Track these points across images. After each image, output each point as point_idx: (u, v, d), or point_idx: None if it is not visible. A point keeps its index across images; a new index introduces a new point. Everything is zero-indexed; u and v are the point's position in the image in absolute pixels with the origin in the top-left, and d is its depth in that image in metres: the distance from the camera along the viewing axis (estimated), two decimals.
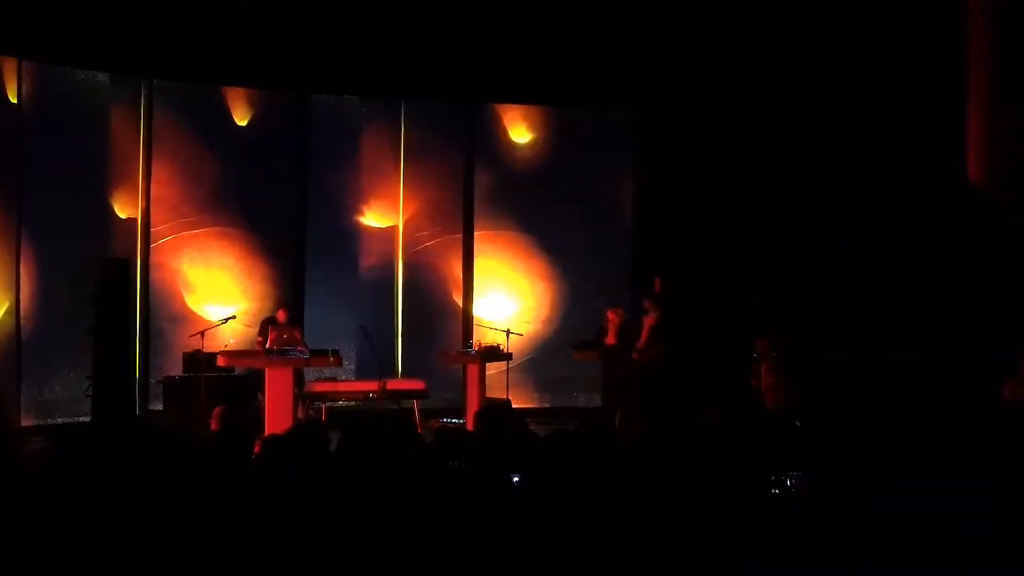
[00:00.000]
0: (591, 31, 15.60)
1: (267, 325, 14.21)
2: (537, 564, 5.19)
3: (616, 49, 15.67)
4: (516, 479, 6.17)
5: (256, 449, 7.76)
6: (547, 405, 16.46)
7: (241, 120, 15.66)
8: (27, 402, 13.89)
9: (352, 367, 15.45)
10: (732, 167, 15.47)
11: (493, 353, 14.63)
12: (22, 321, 13.81)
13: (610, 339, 14.57)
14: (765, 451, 6.58)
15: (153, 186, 15.16)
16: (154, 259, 15.12)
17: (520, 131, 16.88)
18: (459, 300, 16.61)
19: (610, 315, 14.76)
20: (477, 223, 16.75)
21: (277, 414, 12.76)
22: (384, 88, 16.10)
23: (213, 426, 13.12)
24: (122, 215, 14.89)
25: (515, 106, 16.83)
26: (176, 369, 14.48)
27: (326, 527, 5.40)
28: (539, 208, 16.74)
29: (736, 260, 15.48)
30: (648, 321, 14.22)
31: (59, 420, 14.00)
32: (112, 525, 4.99)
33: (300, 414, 13.31)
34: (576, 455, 5.92)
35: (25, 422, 13.73)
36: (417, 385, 14.48)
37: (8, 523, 3.03)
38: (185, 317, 15.12)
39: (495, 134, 16.83)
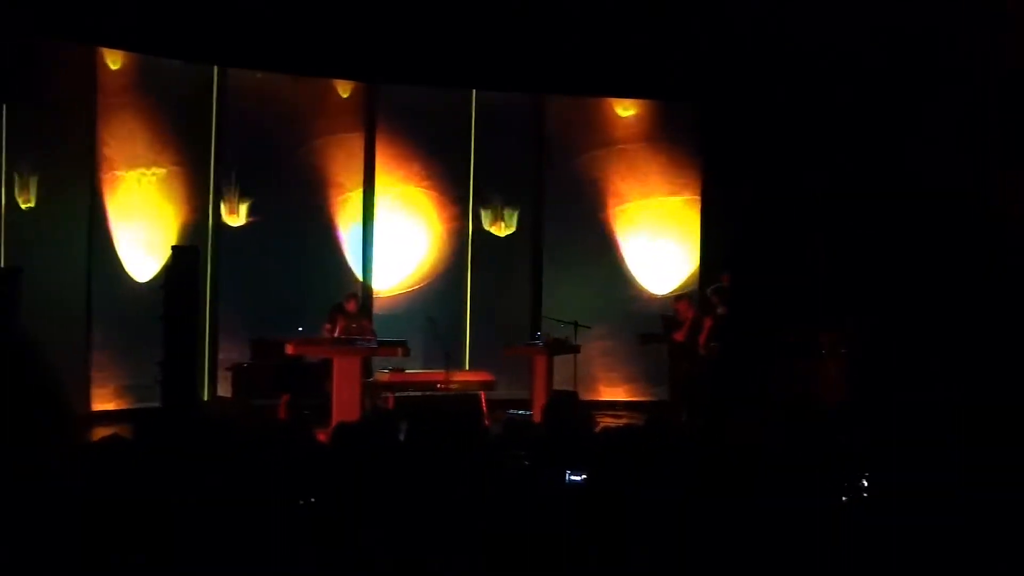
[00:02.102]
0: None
1: (336, 313, 14.24)
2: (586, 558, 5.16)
3: (680, 42, 15.54)
4: (577, 476, 6.14)
5: (323, 437, 7.79)
6: (618, 398, 16.38)
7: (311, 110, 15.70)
8: (98, 387, 14.02)
9: (420, 358, 15.45)
10: (801, 158, 15.33)
11: (560, 345, 14.59)
12: (93, 307, 13.94)
13: (681, 335, 14.49)
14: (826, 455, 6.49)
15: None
16: (225, 246, 15.21)
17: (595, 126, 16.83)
18: (528, 292, 16.57)
19: (681, 308, 14.68)
20: (546, 217, 16.71)
21: (344, 403, 12.78)
22: (456, 78, 16.07)
23: (281, 414, 13.27)
24: (192, 202, 14.99)
25: (586, 98, 16.75)
26: (244, 355, 14.57)
27: (394, 515, 5.40)
28: (605, 202, 16.67)
29: (801, 254, 15.35)
30: (715, 316, 14.14)
31: (131, 406, 14.12)
32: (176, 511, 5.01)
33: (367, 404, 13.33)
34: (634, 452, 5.89)
35: (97, 406, 13.86)
36: (485, 376, 14.48)
37: (67, 512, 3.03)
38: (252, 305, 15.17)
39: (564, 128, 16.76)
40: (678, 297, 15.26)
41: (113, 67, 14.26)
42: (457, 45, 15.40)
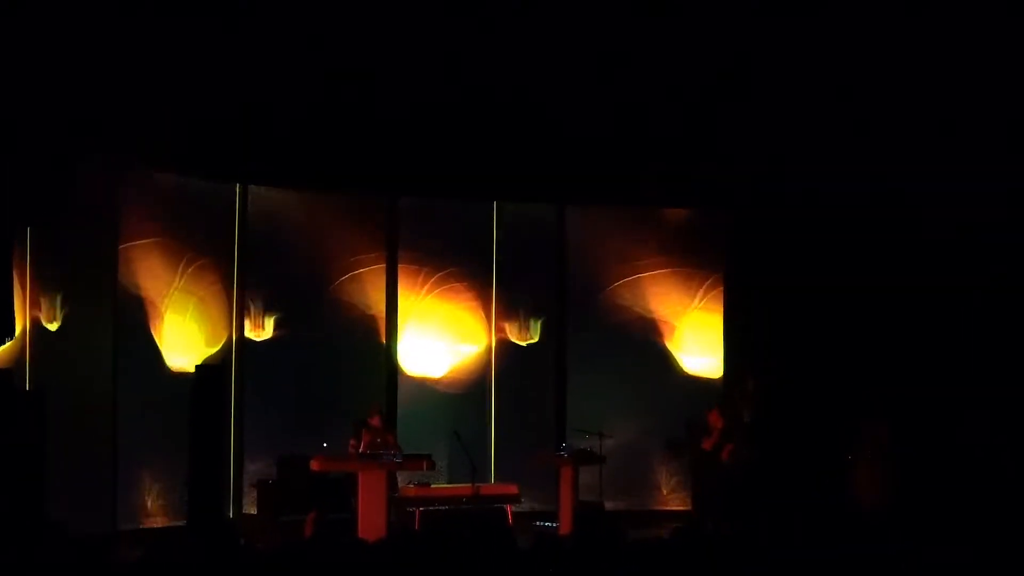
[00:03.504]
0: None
1: (360, 428, 14.20)
2: None
3: (710, 151, 15.66)
4: None
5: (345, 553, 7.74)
6: (639, 507, 16.24)
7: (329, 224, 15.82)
8: (124, 506, 13.98)
9: (445, 470, 15.37)
10: (826, 255, 15.38)
11: (586, 456, 14.51)
12: (119, 425, 13.94)
13: (709, 443, 14.41)
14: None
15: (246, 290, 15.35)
16: (250, 362, 15.24)
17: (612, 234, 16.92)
18: (552, 402, 16.53)
19: (712, 419, 14.60)
20: (569, 325, 16.72)
21: (370, 518, 12.73)
22: (478, 189, 16.20)
23: (307, 531, 13.19)
24: (216, 319, 15.06)
25: (602, 207, 16.83)
26: (270, 471, 14.52)
27: None
28: (631, 306, 16.70)
29: (830, 357, 15.34)
30: (741, 424, 14.09)
31: (156, 524, 14.08)
32: None
33: (393, 518, 13.24)
34: (669, 564, 5.83)
35: (123, 526, 13.80)
36: (510, 490, 14.39)
37: None
38: (278, 421, 15.15)
39: (584, 234, 16.84)
40: (710, 406, 15.15)
41: (136, 186, 14.40)
42: (478, 159, 15.53)
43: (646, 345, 16.74)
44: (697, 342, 16.92)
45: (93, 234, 13.94)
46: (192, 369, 13.53)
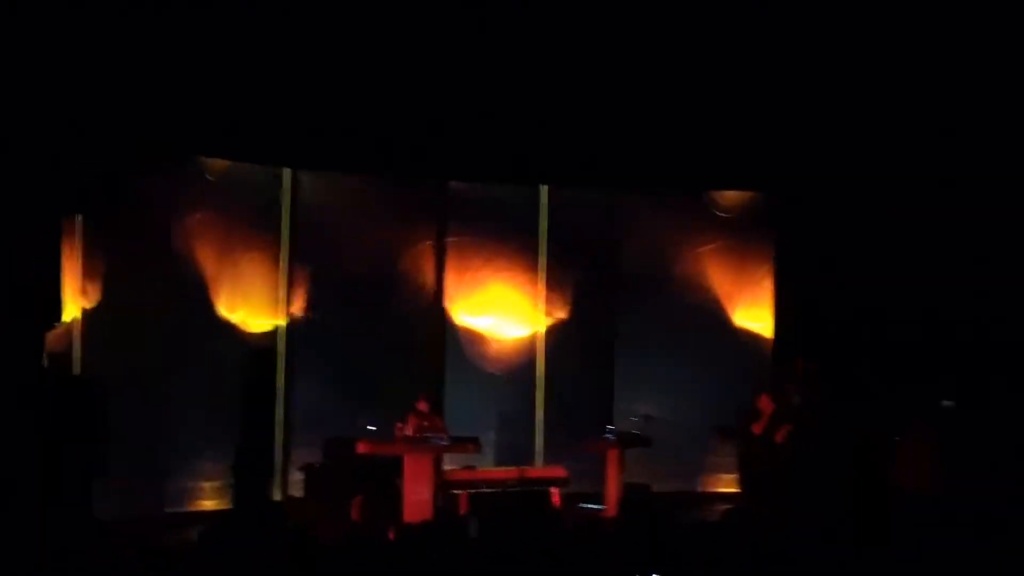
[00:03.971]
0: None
1: (408, 412, 14.21)
2: None
3: (758, 134, 15.57)
4: None
5: (391, 536, 7.77)
6: (688, 489, 16.19)
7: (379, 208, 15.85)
8: (173, 489, 14.11)
9: (491, 453, 15.38)
10: (875, 246, 15.28)
11: (632, 439, 14.48)
12: (169, 410, 14.05)
13: (759, 427, 14.33)
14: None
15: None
16: (298, 344, 15.31)
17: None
18: (600, 385, 16.50)
19: (762, 404, 14.51)
20: (619, 308, 16.69)
21: (416, 502, 12.75)
22: (527, 174, 16.18)
23: (354, 515, 13.25)
24: (266, 304, 15.13)
25: (657, 191, 16.76)
26: (317, 455, 14.59)
27: None
28: (680, 291, 16.66)
29: (877, 342, 15.24)
30: (791, 407, 14.01)
31: (203, 507, 14.19)
32: None
33: (439, 502, 13.26)
34: (717, 548, 5.80)
35: (169, 508, 13.93)
36: (558, 472, 14.38)
37: None
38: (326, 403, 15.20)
39: (636, 217, 16.80)
40: (760, 391, 15.05)
41: (186, 172, 14.48)
42: (529, 142, 15.49)
43: (696, 328, 16.62)
44: (749, 326, 16.87)
45: (144, 220, 14.02)
46: (240, 353, 13.65)
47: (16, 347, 11.22)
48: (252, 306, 15.03)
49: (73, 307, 13.32)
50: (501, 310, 16.37)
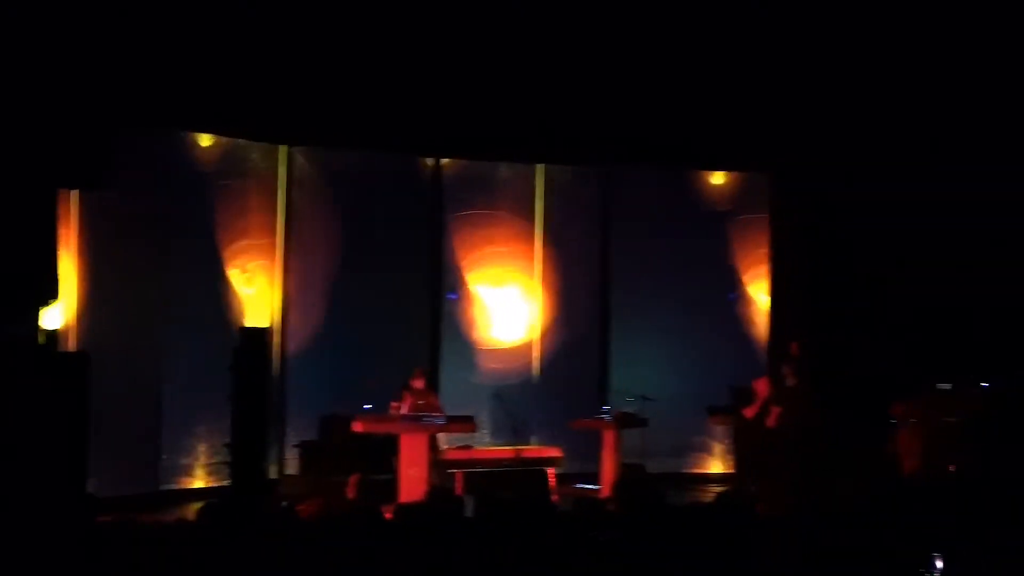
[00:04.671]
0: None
1: (404, 390, 14.21)
2: None
3: (753, 112, 15.55)
4: None
5: (388, 516, 7.76)
6: (682, 470, 16.23)
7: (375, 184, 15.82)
8: (167, 466, 14.10)
9: (487, 432, 15.40)
10: (870, 227, 15.28)
11: (629, 419, 14.48)
12: (164, 387, 14.05)
13: (751, 411, 14.32)
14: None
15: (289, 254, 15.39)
16: (294, 323, 15.30)
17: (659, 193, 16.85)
18: (595, 365, 16.51)
19: (758, 387, 14.50)
20: (613, 288, 16.69)
21: (412, 480, 12.76)
22: (522, 152, 16.16)
23: (350, 493, 13.25)
24: (258, 283, 15.12)
25: (653, 168, 16.74)
26: (313, 432, 14.58)
27: None
28: (675, 271, 16.65)
29: (874, 322, 15.25)
30: (786, 388, 14.00)
31: (199, 485, 14.22)
32: None
33: (435, 480, 13.26)
34: (712, 527, 5.80)
35: (164, 486, 13.94)
36: (553, 452, 14.38)
37: None
38: (321, 381, 15.21)
39: (630, 196, 16.78)
40: (757, 373, 15.03)
41: (182, 148, 14.46)
42: (525, 120, 15.47)
43: (691, 310, 16.65)
44: (745, 306, 16.88)
45: (139, 197, 14.00)
46: (236, 329, 13.63)
47: (12, 324, 11.20)
48: (247, 281, 15.02)
49: (69, 284, 13.30)
50: (496, 289, 16.37)
